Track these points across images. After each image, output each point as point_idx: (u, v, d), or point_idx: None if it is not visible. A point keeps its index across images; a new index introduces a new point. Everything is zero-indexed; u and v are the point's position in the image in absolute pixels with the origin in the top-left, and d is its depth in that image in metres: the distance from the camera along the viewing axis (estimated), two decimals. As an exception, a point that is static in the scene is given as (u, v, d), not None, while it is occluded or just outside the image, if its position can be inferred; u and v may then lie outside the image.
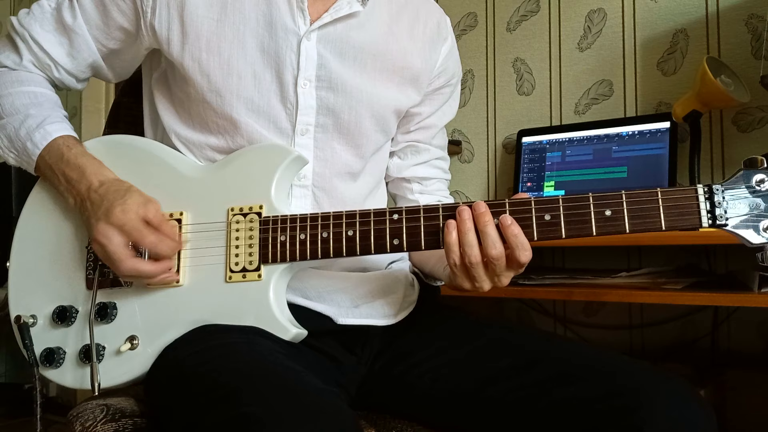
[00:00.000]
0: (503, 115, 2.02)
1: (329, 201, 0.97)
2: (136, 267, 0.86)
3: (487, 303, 1.93)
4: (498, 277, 0.82)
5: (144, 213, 0.87)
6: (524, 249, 0.80)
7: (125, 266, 0.85)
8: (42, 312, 0.93)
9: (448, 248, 0.82)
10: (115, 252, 0.85)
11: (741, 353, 1.62)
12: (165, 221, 0.89)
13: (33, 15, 0.97)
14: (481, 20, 2.07)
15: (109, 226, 0.86)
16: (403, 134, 1.09)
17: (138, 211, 0.86)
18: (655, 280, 1.43)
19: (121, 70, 1.04)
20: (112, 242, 0.85)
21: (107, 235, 0.85)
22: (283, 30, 0.93)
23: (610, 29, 1.84)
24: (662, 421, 0.71)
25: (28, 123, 0.93)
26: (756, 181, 0.76)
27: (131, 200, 0.87)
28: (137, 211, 0.86)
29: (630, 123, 1.69)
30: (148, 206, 0.88)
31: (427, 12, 1.07)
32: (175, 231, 0.89)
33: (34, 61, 0.98)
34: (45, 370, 0.91)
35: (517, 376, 0.83)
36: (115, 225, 0.85)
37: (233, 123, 0.93)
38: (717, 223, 0.76)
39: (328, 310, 0.95)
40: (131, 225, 0.85)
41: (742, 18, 1.64)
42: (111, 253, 0.85)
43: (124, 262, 0.85)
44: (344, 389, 0.93)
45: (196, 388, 0.76)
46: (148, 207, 0.88)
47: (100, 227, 0.86)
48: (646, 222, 0.77)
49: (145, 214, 0.87)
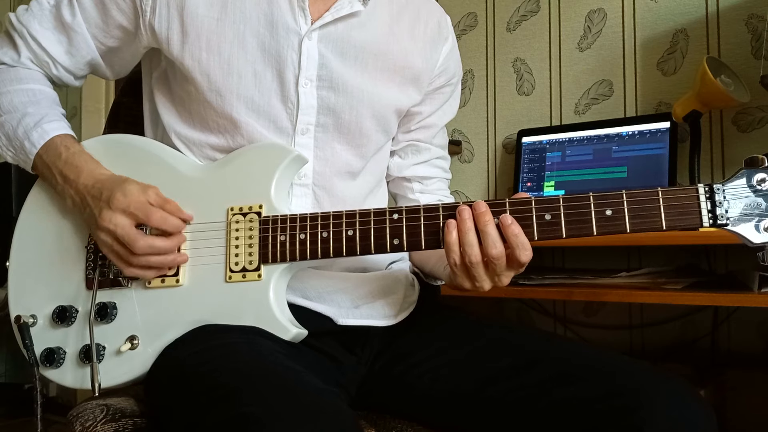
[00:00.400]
0: (503, 115, 2.02)
1: (330, 200, 0.97)
2: (150, 243, 0.86)
3: (487, 303, 1.93)
4: (498, 277, 0.82)
5: (145, 196, 0.87)
6: (524, 249, 0.80)
7: (140, 244, 0.85)
8: (42, 312, 0.93)
9: (449, 248, 0.82)
10: (126, 234, 0.85)
11: (741, 353, 1.61)
12: (167, 200, 0.89)
13: (32, 12, 0.97)
14: (481, 20, 2.07)
15: (112, 211, 0.86)
16: (403, 133, 1.09)
17: (141, 195, 0.87)
18: (655, 280, 1.43)
19: (119, 68, 1.04)
20: (119, 225, 0.85)
21: (113, 220, 0.85)
22: (285, 29, 0.93)
23: (610, 29, 1.84)
24: (662, 421, 0.71)
25: (26, 121, 0.93)
26: (757, 180, 0.76)
27: (131, 186, 0.87)
28: (139, 194, 0.87)
29: (630, 123, 1.69)
30: (148, 191, 0.88)
31: (428, 12, 1.07)
32: (178, 208, 0.89)
33: (32, 58, 0.98)
34: (45, 370, 0.91)
35: (517, 376, 0.83)
36: (119, 208, 0.85)
37: (233, 122, 0.93)
38: (718, 222, 0.76)
39: (328, 310, 0.95)
40: (135, 205, 0.86)
41: (742, 18, 1.64)
42: (121, 236, 0.85)
43: (137, 240, 0.85)
44: (344, 389, 0.93)
45: (196, 388, 0.76)
46: (148, 191, 0.88)
47: (105, 215, 0.86)
48: (647, 222, 0.77)
49: (146, 197, 0.87)
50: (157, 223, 0.86)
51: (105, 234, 0.87)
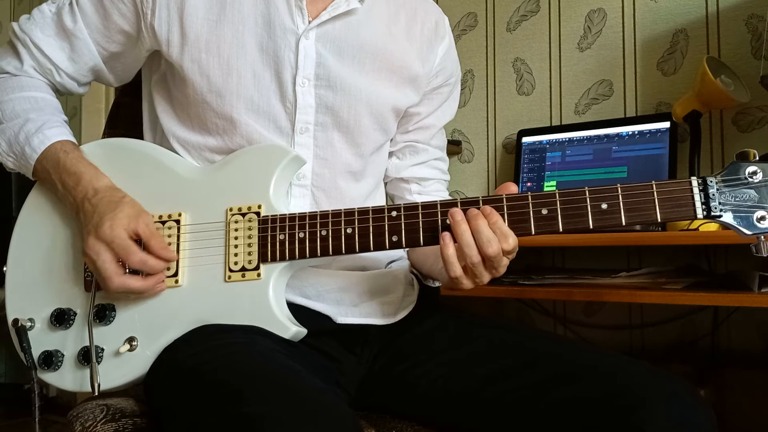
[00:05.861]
0: (503, 115, 2.02)
1: (328, 201, 0.97)
2: (124, 284, 0.86)
3: (487, 303, 1.93)
4: (496, 269, 0.82)
5: (134, 227, 0.86)
6: (506, 237, 0.80)
7: (113, 284, 0.85)
8: (40, 315, 0.93)
9: (448, 261, 0.81)
10: (103, 269, 0.85)
11: (741, 353, 1.61)
12: (155, 235, 0.88)
13: (34, 20, 0.98)
14: (481, 20, 2.07)
15: (97, 241, 0.85)
16: (401, 134, 1.09)
17: (128, 226, 0.86)
18: (655, 280, 1.43)
19: (122, 73, 1.04)
20: (100, 258, 0.85)
21: (96, 250, 0.85)
22: (282, 29, 0.93)
23: (610, 29, 1.84)
24: (662, 421, 0.71)
25: (28, 127, 0.93)
26: (749, 173, 0.77)
27: (121, 214, 0.87)
28: (127, 225, 0.86)
29: (630, 123, 1.69)
30: (139, 220, 0.87)
31: (425, 12, 1.07)
32: (163, 246, 0.88)
33: (36, 66, 0.98)
34: (43, 373, 0.91)
35: (517, 377, 0.83)
36: (104, 241, 0.85)
37: (232, 123, 0.93)
38: (711, 214, 0.77)
39: (327, 309, 0.95)
40: (118, 242, 0.85)
41: (742, 18, 1.64)
42: (99, 269, 0.85)
43: (112, 279, 0.85)
44: (344, 389, 0.93)
45: (196, 389, 0.76)
46: (139, 221, 0.87)
47: (90, 242, 0.86)
48: (642, 214, 0.78)
49: (135, 228, 0.86)
50: (135, 267, 0.86)
51: (87, 259, 0.87)
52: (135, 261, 0.86)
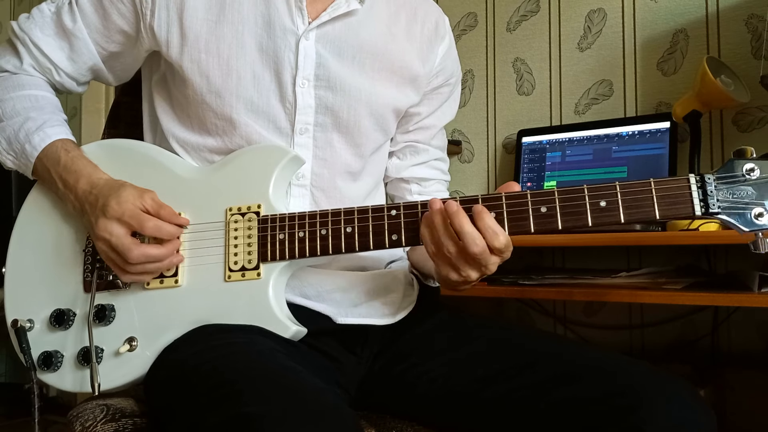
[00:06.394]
0: (503, 115, 2.02)
1: (327, 201, 0.97)
2: (145, 252, 0.86)
3: (487, 303, 1.93)
4: (486, 267, 0.82)
5: (140, 202, 0.87)
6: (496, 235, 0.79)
7: (134, 254, 0.85)
8: (39, 316, 0.93)
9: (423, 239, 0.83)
10: (120, 243, 0.85)
11: (741, 353, 1.61)
12: (164, 205, 0.89)
13: (33, 19, 0.98)
14: (481, 20, 2.07)
15: (107, 220, 0.86)
16: (402, 134, 1.09)
17: (134, 202, 0.87)
18: (655, 280, 1.43)
19: (121, 72, 1.04)
20: (114, 234, 0.85)
21: (108, 228, 0.85)
22: (282, 30, 0.93)
23: (610, 29, 1.84)
24: (662, 421, 0.71)
25: (28, 126, 0.93)
26: (746, 170, 0.77)
27: (125, 192, 0.87)
28: (133, 201, 0.87)
29: (630, 123, 1.69)
30: (144, 196, 0.88)
31: (425, 12, 1.06)
32: (174, 214, 0.89)
33: (35, 65, 0.98)
34: (43, 374, 0.91)
35: (517, 377, 0.83)
36: (114, 217, 0.86)
37: (232, 123, 0.93)
38: (710, 211, 0.77)
39: (327, 309, 0.95)
40: (129, 213, 0.86)
41: (742, 18, 1.64)
42: (116, 245, 0.85)
43: (132, 250, 0.85)
44: (344, 389, 0.93)
45: (197, 388, 0.76)
46: (144, 196, 0.88)
47: (100, 223, 0.86)
48: (641, 212, 0.78)
49: (141, 203, 0.87)
50: (150, 233, 0.86)
51: (101, 242, 0.87)
52: (150, 227, 0.86)
